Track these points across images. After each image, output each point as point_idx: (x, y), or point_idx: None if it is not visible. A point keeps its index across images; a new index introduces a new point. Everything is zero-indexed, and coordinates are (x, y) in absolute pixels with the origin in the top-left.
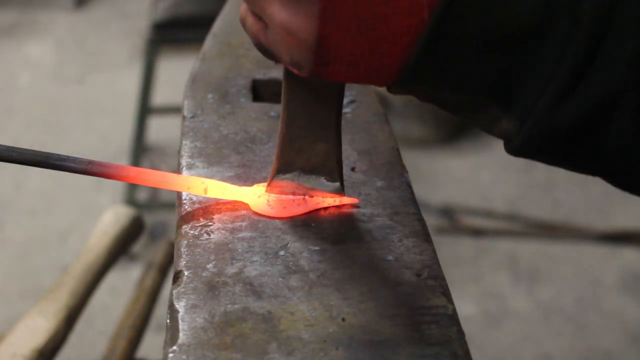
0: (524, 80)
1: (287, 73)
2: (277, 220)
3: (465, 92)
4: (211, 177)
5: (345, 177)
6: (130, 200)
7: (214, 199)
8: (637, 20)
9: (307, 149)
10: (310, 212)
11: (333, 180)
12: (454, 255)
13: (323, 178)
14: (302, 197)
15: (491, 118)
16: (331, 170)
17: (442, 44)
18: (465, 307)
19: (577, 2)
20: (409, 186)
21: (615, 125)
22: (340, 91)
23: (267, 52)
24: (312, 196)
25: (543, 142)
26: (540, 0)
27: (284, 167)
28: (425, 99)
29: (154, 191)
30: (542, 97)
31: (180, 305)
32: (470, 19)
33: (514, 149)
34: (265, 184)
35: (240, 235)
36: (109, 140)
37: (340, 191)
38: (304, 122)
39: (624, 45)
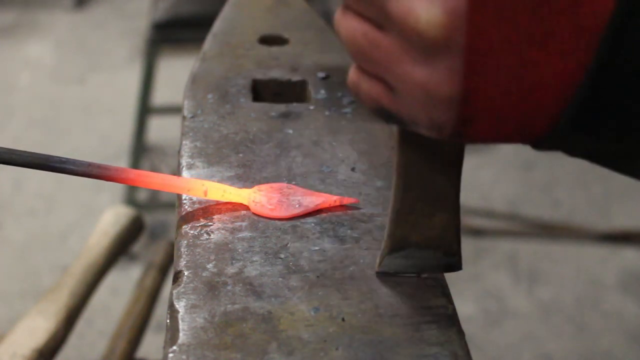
0: None
1: (404, 139)
2: (277, 220)
3: (632, 139)
4: (211, 177)
5: (345, 177)
6: (130, 200)
7: (214, 199)
8: None
9: (424, 222)
10: (310, 212)
11: (452, 255)
12: None
13: (441, 252)
14: (298, 198)
15: None
16: (450, 243)
17: (608, 85)
18: (465, 307)
19: None
20: None
21: None
22: (460, 155)
23: (393, 117)
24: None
25: None
26: None
27: (397, 244)
28: (578, 152)
29: (154, 191)
30: None
31: (180, 305)
32: (636, 54)
33: None
34: (266, 184)
35: (240, 235)
36: (109, 140)
37: (457, 268)
38: (422, 193)
39: None
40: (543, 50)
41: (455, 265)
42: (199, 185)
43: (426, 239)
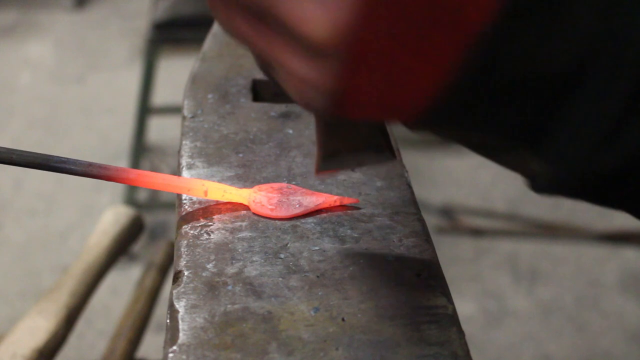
0: (558, 125)
1: None
2: (277, 221)
3: (495, 135)
4: (211, 177)
5: (345, 177)
6: (130, 200)
7: (214, 199)
8: None
9: (351, 133)
10: (310, 212)
11: (382, 151)
12: (454, 255)
13: (372, 150)
14: (298, 198)
15: (519, 158)
16: (378, 142)
17: (473, 84)
18: (465, 307)
19: (621, 50)
20: (409, 186)
21: None
22: None
23: (269, 76)
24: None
25: (574, 185)
26: (584, 45)
27: (329, 152)
28: (448, 138)
29: (154, 191)
30: (579, 144)
31: (180, 305)
32: (507, 60)
33: (540, 188)
34: (266, 184)
35: (240, 235)
36: (109, 140)
37: (392, 158)
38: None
39: None
40: (414, 57)
41: (389, 157)
42: (199, 185)
43: (355, 145)
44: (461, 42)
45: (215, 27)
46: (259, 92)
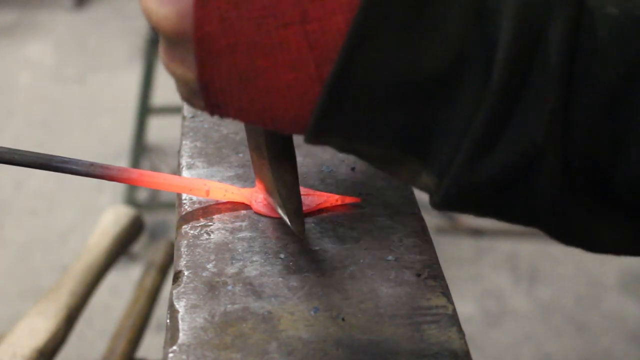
0: (438, 134)
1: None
2: (277, 220)
3: (377, 145)
4: (211, 176)
5: (345, 177)
6: (130, 200)
7: (215, 199)
8: (554, 78)
9: (259, 172)
10: (311, 211)
11: (285, 215)
12: (454, 255)
13: (277, 205)
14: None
15: (412, 172)
16: (278, 204)
17: (343, 96)
18: (465, 307)
19: (490, 55)
20: (409, 186)
21: (537, 183)
22: (285, 150)
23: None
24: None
25: (463, 199)
26: (451, 50)
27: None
28: (341, 150)
29: (154, 191)
30: (458, 153)
31: (180, 305)
32: (374, 69)
33: (436, 205)
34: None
35: (240, 235)
36: (109, 140)
37: (299, 230)
38: (252, 145)
39: (543, 98)
40: (271, 60)
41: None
42: (201, 184)
43: (267, 187)
44: (318, 49)
45: None
46: None
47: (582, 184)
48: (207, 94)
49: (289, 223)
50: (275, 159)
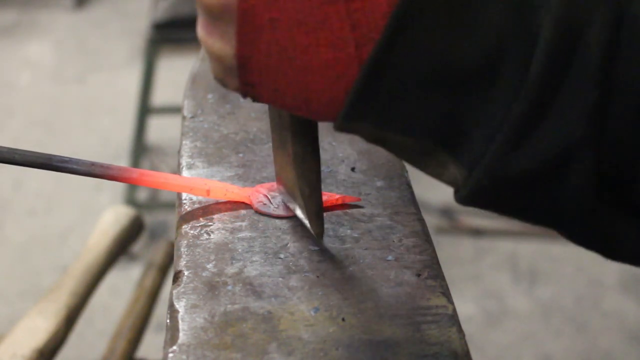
0: (471, 125)
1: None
2: (277, 220)
3: (409, 134)
4: (211, 176)
5: (345, 177)
6: (130, 200)
7: (215, 199)
8: (595, 71)
9: (282, 170)
10: None
11: (306, 218)
12: (454, 255)
13: (297, 204)
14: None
15: (440, 164)
16: (300, 205)
17: (381, 80)
18: (465, 307)
19: (530, 50)
20: (409, 186)
21: (570, 182)
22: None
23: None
24: None
25: (492, 193)
26: (492, 42)
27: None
28: (370, 139)
29: (154, 191)
30: (491, 145)
31: (180, 305)
32: (414, 55)
33: (462, 199)
34: (268, 183)
35: (240, 235)
36: (109, 140)
37: (317, 232)
38: (276, 142)
39: (581, 97)
40: (313, 37)
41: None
42: (202, 184)
43: (286, 186)
44: (359, 30)
45: None
46: None
47: (608, 190)
48: (244, 71)
49: (307, 224)
50: (300, 155)
